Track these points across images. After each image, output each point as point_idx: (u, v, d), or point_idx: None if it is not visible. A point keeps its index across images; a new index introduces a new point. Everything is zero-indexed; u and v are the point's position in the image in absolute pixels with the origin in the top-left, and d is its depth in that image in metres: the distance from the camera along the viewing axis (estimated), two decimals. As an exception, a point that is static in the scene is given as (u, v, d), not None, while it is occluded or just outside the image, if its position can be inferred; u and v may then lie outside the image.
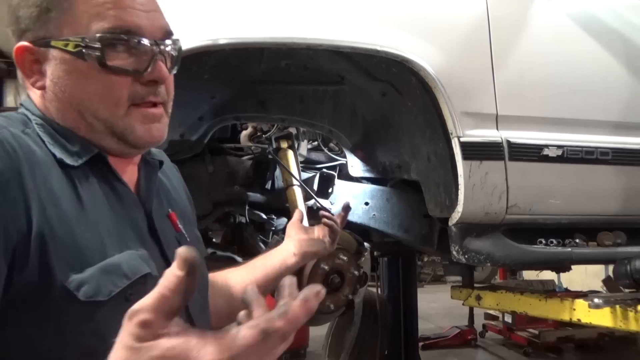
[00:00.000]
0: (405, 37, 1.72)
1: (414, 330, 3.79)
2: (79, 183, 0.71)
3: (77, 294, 0.64)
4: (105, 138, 0.76)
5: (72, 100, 0.74)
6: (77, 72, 0.73)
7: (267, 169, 2.13)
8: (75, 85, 0.73)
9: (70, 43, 0.72)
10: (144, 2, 0.76)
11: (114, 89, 0.74)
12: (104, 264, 0.68)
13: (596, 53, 2.01)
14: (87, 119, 0.75)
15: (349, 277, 1.76)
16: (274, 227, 2.13)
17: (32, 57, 0.75)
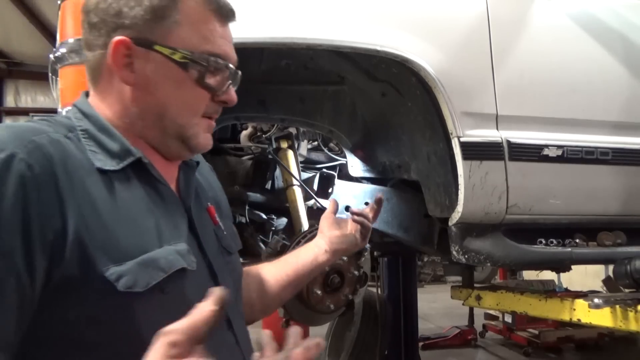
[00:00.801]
0: (405, 37, 1.72)
1: (414, 330, 3.79)
2: (118, 185, 0.77)
3: (116, 284, 0.70)
4: (172, 140, 0.84)
5: (157, 101, 0.81)
6: (173, 78, 0.81)
7: (267, 169, 2.13)
8: (168, 89, 0.81)
9: (178, 53, 0.80)
10: (231, 36, 0.87)
11: (198, 101, 0.84)
12: (143, 258, 0.74)
13: (596, 53, 2.01)
14: (165, 121, 0.83)
15: (349, 277, 1.76)
16: (274, 227, 2.13)
17: (125, 52, 0.79)
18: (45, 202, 0.67)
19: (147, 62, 0.80)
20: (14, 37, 8.78)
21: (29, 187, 0.66)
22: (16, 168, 0.66)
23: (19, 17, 7.80)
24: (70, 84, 1.55)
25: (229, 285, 0.85)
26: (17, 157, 0.66)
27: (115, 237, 0.73)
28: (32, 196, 0.66)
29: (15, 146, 0.67)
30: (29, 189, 0.66)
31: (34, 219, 0.66)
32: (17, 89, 10.66)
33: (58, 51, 1.57)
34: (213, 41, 0.83)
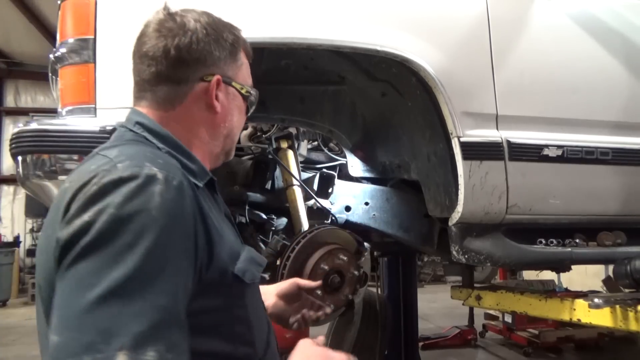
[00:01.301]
0: (405, 37, 1.72)
1: (414, 330, 3.79)
2: (206, 198, 0.92)
3: (244, 278, 0.90)
4: (223, 155, 1.04)
5: (230, 125, 1.02)
6: (239, 108, 1.04)
7: (267, 169, 2.13)
8: (236, 116, 1.03)
9: (244, 88, 1.03)
10: None
11: (242, 124, 1.08)
12: (247, 256, 0.93)
13: (596, 53, 2.01)
14: (227, 139, 1.03)
15: (349, 277, 1.75)
16: (274, 227, 2.13)
17: (217, 87, 0.97)
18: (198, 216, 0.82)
19: (227, 95, 1.00)
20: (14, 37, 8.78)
21: (194, 208, 0.81)
22: (186, 193, 0.80)
23: (19, 17, 7.80)
24: (70, 84, 1.55)
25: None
26: (184, 184, 0.81)
27: (228, 242, 0.90)
28: (197, 216, 0.81)
29: (179, 175, 0.81)
30: (194, 210, 0.81)
31: (199, 234, 0.81)
32: (17, 89, 10.67)
33: (58, 51, 1.56)
34: (249, 79, 1.07)
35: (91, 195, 0.74)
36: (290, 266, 1.68)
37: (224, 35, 0.98)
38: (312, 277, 1.67)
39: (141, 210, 0.73)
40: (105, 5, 1.54)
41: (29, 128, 1.51)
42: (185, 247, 0.78)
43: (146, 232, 0.72)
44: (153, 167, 0.77)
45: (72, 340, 0.66)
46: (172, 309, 0.72)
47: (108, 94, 1.51)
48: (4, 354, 5.46)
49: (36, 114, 9.96)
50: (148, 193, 0.75)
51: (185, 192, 0.79)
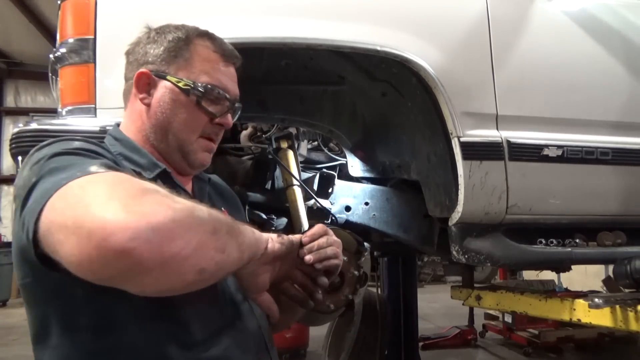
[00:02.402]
0: (405, 37, 1.72)
1: (414, 330, 3.79)
2: None
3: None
4: (174, 154, 1.04)
5: (165, 119, 1.02)
6: (178, 102, 1.02)
7: (267, 169, 2.13)
8: (174, 110, 1.02)
9: (182, 82, 1.02)
10: (234, 75, 1.09)
11: (197, 121, 1.04)
12: None
13: (596, 53, 2.01)
14: (169, 136, 1.03)
15: (349, 277, 1.75)
16: (274, 227, 2.13)
17: (146, 81, 1.03)
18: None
19: (160, 89, 1.02)
20: (14, 37, 8.78)
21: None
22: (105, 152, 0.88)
23: (19, 17, 7.80)
24: (70, 84, 1.55)
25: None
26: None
27: None
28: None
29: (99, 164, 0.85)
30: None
31: None
32: (17, 89, 10.67)
33: (58, 51, 1.56)
34: (213, 76, 1.04)
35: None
36: (290, 266, 1.67)
37: (165, 36, 1.04)
38: (312, 277, 1.67)
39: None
40: (105, 5, 1.54)
41: (29, 128, 1.51)
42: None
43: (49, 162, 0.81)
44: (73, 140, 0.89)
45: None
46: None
47: (108, 94, 1.50)
48: (4, 354, 5.46)
49: (36, 114, 9.97)
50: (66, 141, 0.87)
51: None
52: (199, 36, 1.06)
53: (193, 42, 1.04)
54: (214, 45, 1.07)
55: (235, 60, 1.10)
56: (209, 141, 1.07)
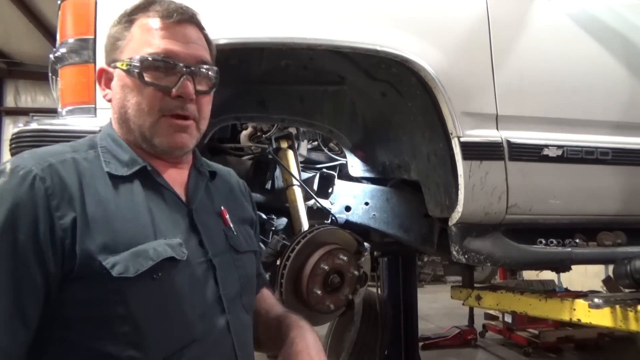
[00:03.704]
0: (405, 37, 1.72)
1: (414, 330, 3.79)
2: (123, 188, 0.91)
3: (111, 271, 0.82)
4: (142, 142, 0.96)
5: (121, 108, 0.96)
6: (126, 86, 0.94)
7: (267, 169, 2.13)
8: (124, 96, 0.95)
9: (124, 63, 0.94)
10: (186, 34, 0.97)
11: (148, 100, 0.93)
12: (135, 249, 0.86)
13: (596, 53, 2.01)
14: (128, 124, 0.95)
15: (349, 277, 1.75)
16: (274, 227, 2.13)
17: (106, 76, 0.99)
18: (55, 206, 0.82)
19: (114, 79, 0.97)
20: (14, 37, 8.77)
21: (39, 194, 0.82)
22: (29, 180, 0.82)
23: (19, 17, 7.78)
24: (70, 84, 1.55)
25: (232, 279, 1.00)
26: (32, 173, 0.83)
27: (115, 231, 0.86)
28: (41, 202, 0.81)
29: (33, 165, 0.84)
30: (39, 196, 0.81)
31: (41, 220, 0.80)
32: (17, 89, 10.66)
33: (58, 51, 1.56)
34: (153, 43, 0.93)
35: None
36: (290, 266, 1.68)
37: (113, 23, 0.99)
38: (312, 277, 1.67)
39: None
40: (105, 5, 1.54)
41: (29, 128, 1.51)
42: (14, 233, 0.79)
43: None
44: (9, 162, 0.84)
45: None
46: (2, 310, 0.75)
47: (108, 94, 1.50)
48: (4, 354, 5.45)
49: (36, 114, 9.95)
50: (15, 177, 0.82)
51: (27, 179, 0.82)
52: (144, 9, 0.96)
53: (136, 18, 0.96)
54: (153, 11, 0.95)
55: (182, 17, 0.96)
56: (176, 119, 0.95)
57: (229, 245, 1.04)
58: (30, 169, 0.83)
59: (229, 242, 1.04)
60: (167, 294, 0.88)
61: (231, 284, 0.99)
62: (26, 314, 0.79)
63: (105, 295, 0.83)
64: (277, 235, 1.81)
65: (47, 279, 0.80)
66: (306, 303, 1.69)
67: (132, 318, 0.83)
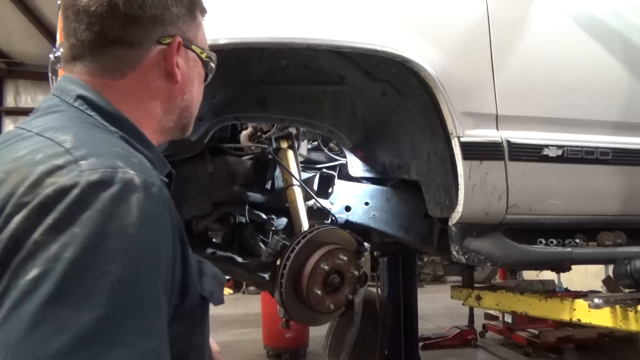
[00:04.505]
0: (405, 37, 1.72)
1: (414, 330, 3.79)
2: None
3: (211, 300, 0.76)
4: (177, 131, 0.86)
5: (188, 96, 0.84)
6: (200, 76, 0.87)
7: (267, 169, 2.13)
8: (196, 85, 0.86)
9: (205, 53, 0.85)
10: None
11: (202, 94, 0.89)
12: (213, 273, 0.79)
13: (596, 53, 2.01)
14: (186, 113, 0.85)
15: (349, 277, 1.75)
16: (274, 227, 2.13)
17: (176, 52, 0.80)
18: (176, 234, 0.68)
19: (187, 61, 0.83)
20: (14, 37, 8.76)
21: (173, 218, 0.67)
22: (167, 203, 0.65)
23: (19, 17, 7.79)
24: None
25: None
26: (164, 191, 0.65)
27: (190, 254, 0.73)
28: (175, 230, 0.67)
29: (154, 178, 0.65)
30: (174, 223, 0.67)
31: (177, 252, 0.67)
32: (17, 89, 10.65)
33: (58, 51, 1.56)
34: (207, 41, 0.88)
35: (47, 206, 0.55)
36: (290, 266, 1.67)
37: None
38: (312, 277, 1.67)
39: (117, 229, 0.57)
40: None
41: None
42: (166, 272, 0.63)
43: (121, 257, 0.56)
44: (128, 170, 0.61)
45: None
46: (160, 351, 0.59)
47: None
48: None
49: (36, 114, 9.95)
50: (126, 206, 0.58)
51: (167, 202, 0.64)
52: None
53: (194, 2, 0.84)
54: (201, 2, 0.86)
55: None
56: None
57: None
58: (161, 187, 0.65)
59: None
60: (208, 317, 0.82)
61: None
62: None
63: (193, 327, 0.74)
64: (277, 235, 1.80)
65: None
66: (306, 303, 1.69)
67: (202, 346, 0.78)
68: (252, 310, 7.13)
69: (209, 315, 0.81)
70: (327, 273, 1.70)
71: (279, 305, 1.74)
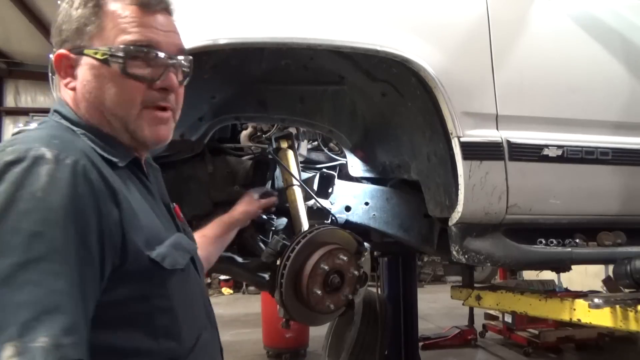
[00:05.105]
0: (405, 37, 1.72)
1: (414, 330, 3.79)
2: (128, 180, 0.88)
3: (162, 264, 0.84)
4: (122, 134, 0.90)
5: (96, 100, 0.88)
6: (101, 76, 0.87)
7: (267, 169, 2.13)
8: (100, 87, 0.88)
9: (99, 52, 0.87)
10: (164, 23, 0.92)
11: (130, 93, 0.88)
12: (172, 242, 0.88)
13: (596, 53, 2.01)
14: (107, 117, 0.89)
15: (349, 277, 1.75)
16: (274, 227, 2.13)
17: (67, 63, 0.90)
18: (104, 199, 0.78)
19: (82, 67, 0.89)
20: (14, 37, 8.77)
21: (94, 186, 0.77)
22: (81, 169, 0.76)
23: (19, 17, 7.79)
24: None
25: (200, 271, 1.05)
26: (81, 163, 0.77)
27: (146, 225, 0.84)
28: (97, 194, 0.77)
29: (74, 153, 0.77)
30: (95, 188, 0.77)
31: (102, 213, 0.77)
32: (17, 89, 10.65)
33: (58, 51, 1.56)
34: (133, 32, 0.88)
35: None
36: (290, 266, 1.67)
37: (73, 4, 0.89)
38: (312, 277, 1.67)
39: (27, 193, 0.71)
40: (105, 5, 1.54)
41: (29, 128, 1.51)
42: (81, 228, 0.73)
43: (31, 215, 0.70)
44: (42, 147, 0.75)
45: None
46: (70, 292, 0.69)
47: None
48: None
49: (36, 114, 9.95)
50: (34, 175, 0.72)
51: (78, 170, 0.75)
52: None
53: (103, 2, 0.89)
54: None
55: (159, 5, 0.92)
56: (158, 110, 0.92)
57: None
58: (77, 158, 0.77)
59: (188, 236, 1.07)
60: (189, 285, 0.93)
61: (201, 275, 1.06)
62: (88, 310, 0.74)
63: (150, 290, 0.83)
64: (277, 235, 1.80)
65: (102, 277, 0.77)
66: (306, 303, 1.69)
67: (172, 310, 0.85)
68: (252, 310, 7.13)
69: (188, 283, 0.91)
70: (327, 273, 1.70)
71: (279, 305, 1.74)
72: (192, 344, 0.90)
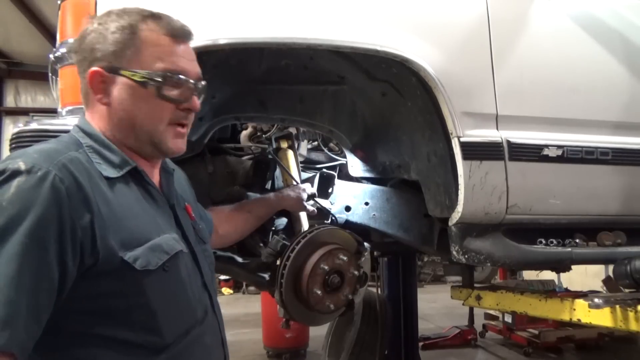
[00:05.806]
0: (405, 37, 1.72)
1: (414, 330, 3.79)
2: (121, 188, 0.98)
3: (134, 265, 0.93)
4: (145, 145, 1.05)
5: (128, 115, 1.02)
6: (137, 96, 1.01)
7: (267, 169, 2.13)
8: (134, 105, 1.01)
9: (137, 75, 1.00)
10: (189, 52, 1.08)
11: (161, 111, 1.04)
12: (150, 243, 0.97)
13: (596, 53, 2.01)
14: (136, 130, 1.03)
15: (349, 277, 1.75)
16: (274, 227, 2.13)
17: (100, 79, 1.01)
18: (74, 206, 0.87)
19: (116, 85, 1.01)
20: (14, 37, 8.77)
21: (61, 195, 0.86)
22: (49, 181, 0.86)
23: (19, 17, 7.79)
24: (70, 84, 1.55)
25: (205, 266, 1.15)
26: (51, 173, 0.87)
27: (127, 228, 0.94)
28: (64, 202, 0.86)
29: (48, 165, 0.88)
30: (61, 197, 0.86)
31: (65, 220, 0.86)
32: (17, 89, 10.65)
33: (58, 51, 1.56)
34: (167, 60, 1.02)
35: None
36: (290, 266, 1.67)
37: (108, 27, 1.01)
38: (312, 277, 1.67)
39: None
40: (105, 5, 1.54)
41: (29, 128, 1.51)
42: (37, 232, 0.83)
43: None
44: (20, 161, 0.86)
45: None
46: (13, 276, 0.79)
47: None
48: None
49: (36, 114, 9.96)
50: (6, 186, 0.84)
51: (47, 181, 0.85)
52: (143, 21, 1.03)
53: (139, 29, 1.01)
54: (161, 26, 1.04)
55: (186, 37, 1.08)
56: (179, 127, 1.07)
57: (198, 237, 1.19)
58: (48, 170, 0.87)
59: (197, 234, 1.19)
60: (176, 283, 1.02)
61: (206, 271, 1.15)
62: (41, 312, 0.84)
63: (126, 287, 0.92)
64: (277, 235, 1.80)
65: (64, 278, 0.86)
66: (306, 303, 1.69)
67: (149, 307, 0.94)
68: (252, 310, 7.14)
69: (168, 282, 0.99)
70: (327, 273, 1.70)
71: (279, 305, 1.74)
72: (175, 338, 0.99)
